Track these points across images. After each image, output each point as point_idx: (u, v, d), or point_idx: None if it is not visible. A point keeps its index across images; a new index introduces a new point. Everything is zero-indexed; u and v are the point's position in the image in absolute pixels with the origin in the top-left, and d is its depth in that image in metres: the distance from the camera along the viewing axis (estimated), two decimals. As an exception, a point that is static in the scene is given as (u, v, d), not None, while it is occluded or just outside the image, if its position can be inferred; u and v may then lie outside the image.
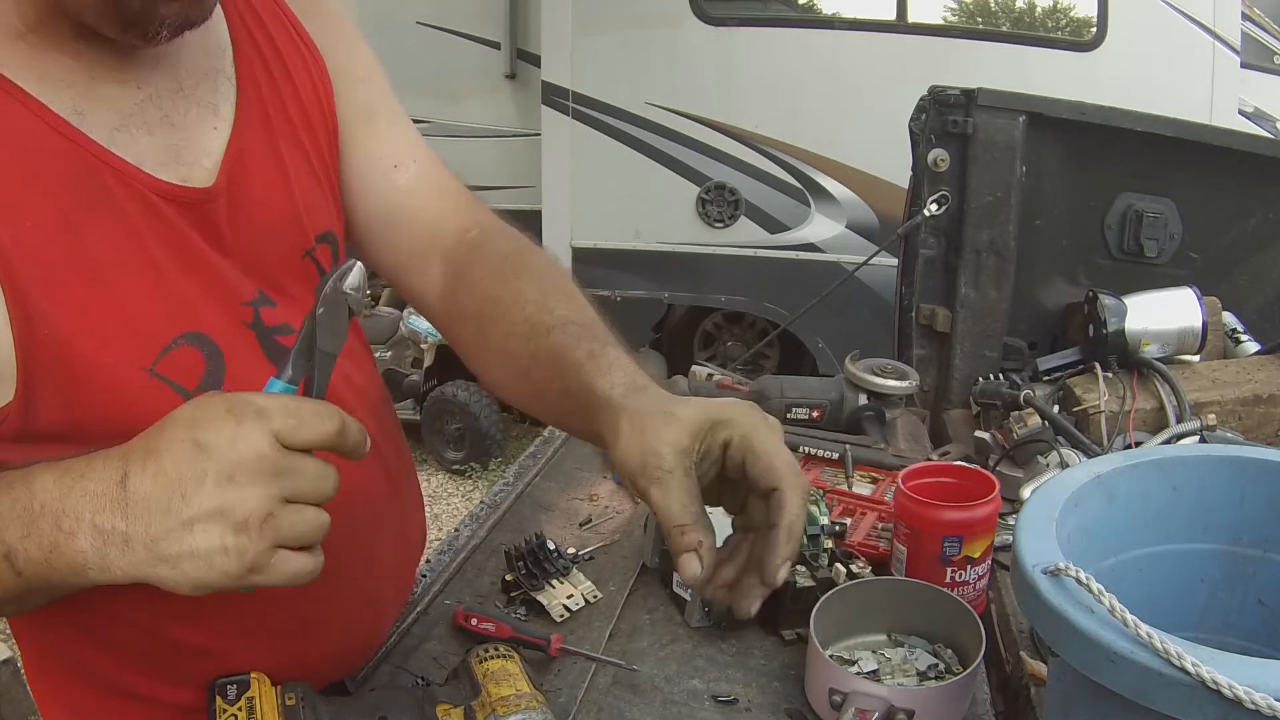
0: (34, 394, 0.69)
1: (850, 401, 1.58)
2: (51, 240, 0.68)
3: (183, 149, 0.77)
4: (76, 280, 0.70)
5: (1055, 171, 1.93)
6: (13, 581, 0.63)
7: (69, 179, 0.70)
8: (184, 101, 0.78)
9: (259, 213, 0.82)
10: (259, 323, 0.81)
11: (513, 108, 4.84)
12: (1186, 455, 0.88)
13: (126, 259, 0.72)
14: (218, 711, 0.78)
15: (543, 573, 1.13)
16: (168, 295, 0.75)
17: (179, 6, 0.69)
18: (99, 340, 0.70)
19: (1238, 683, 0.54)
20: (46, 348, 0.68)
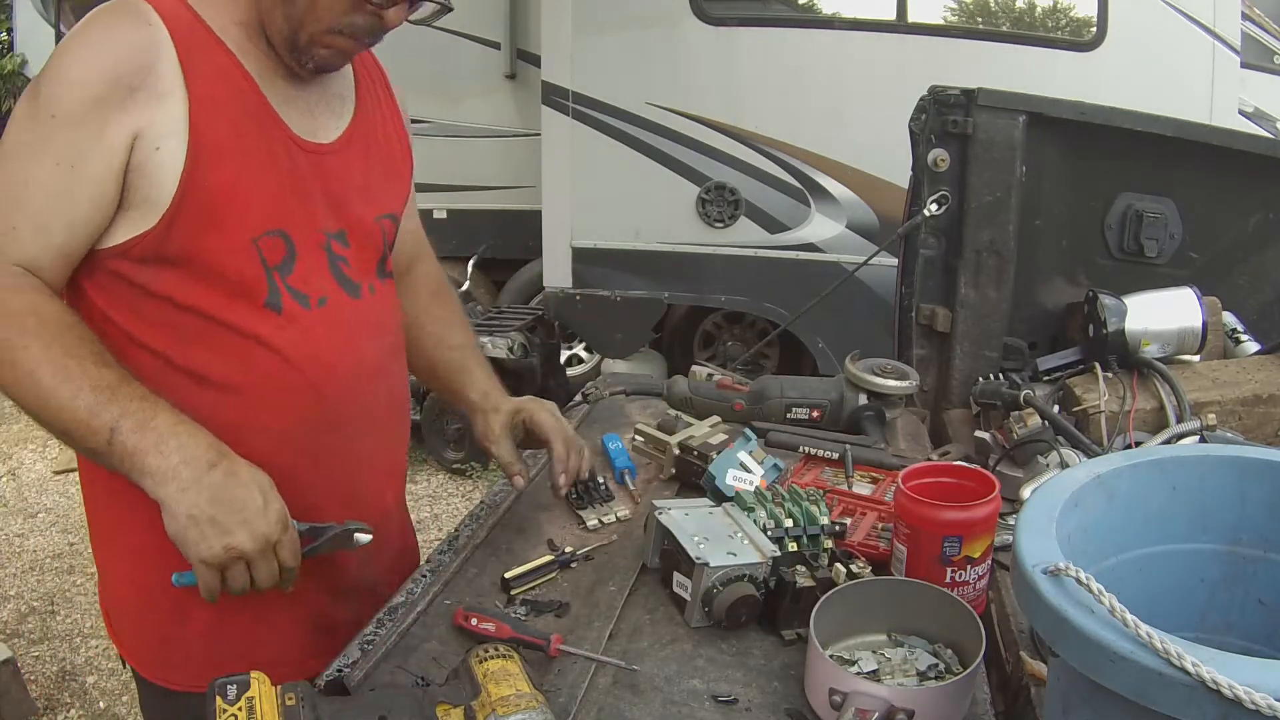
0: (174, 225, 1.02)
1: (850, 401, 1.58)
2: (226, 134, 1.04)
3: (315, 130, 1.15)
4: (231, 165, 1.04)
5: (1055, 171, 1.93)
6: (101, 446, 0.94)
7: (247, 109, 1.07)
8: (321, 106, 1.16)
9: (352, 178, 1.18)
10: (329, 248, 1.15)
11: (513, 108, 4.84)
12: (1186, 455, 0.88)
13: (264, 167, 1.08)
14: (218, 711, 0.78)
15: (589, 497, 1.37)
16: (281, 201, 1.09)
17: (327, 54, 1.08)
18: (229, 208, 1.04)
19: (1238, 683, 0.54)
20: (197, 199, 1.02)
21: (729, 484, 1.29)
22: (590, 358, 5.19)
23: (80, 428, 0.95)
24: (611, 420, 1.68)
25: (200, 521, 0.94)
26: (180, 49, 1.01)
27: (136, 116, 0.99)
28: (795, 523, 1.14)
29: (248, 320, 1.08)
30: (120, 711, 2.85)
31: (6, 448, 4.72)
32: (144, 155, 1.00)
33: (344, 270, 1.16)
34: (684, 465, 1.40)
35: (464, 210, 5.02)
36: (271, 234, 1.08)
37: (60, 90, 0.98)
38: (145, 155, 1.00)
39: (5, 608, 3.35)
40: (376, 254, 1.23)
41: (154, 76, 0.99)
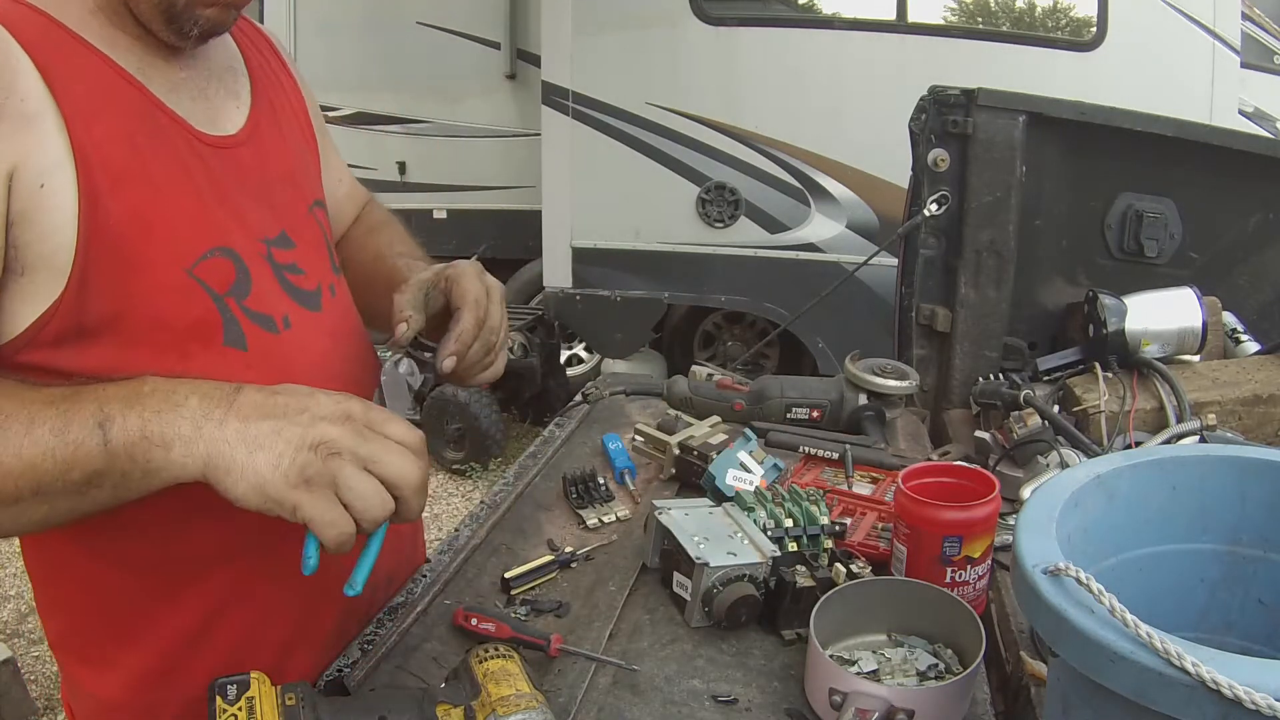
0: (87, 283, 0.81)
1: (850, 401, 1.58)
2: (119, 151, 0.84)
3: (216, 117, 0.97)
4: (135, 187, 0.84)
5: (1055, 171, 1.93)
6: (96, 455, 0.74)
7: (135, 112, 0.87)
8: (215, 85, 0.98)
9: (272, 165, 1.02)
10: (272, 257, 0.97)
11: (513, 108, 4.84)
12: (1186, 455, 0.88)
13: (176, 179, 0.89)
14: (218, 711, 0.78)
15: (590, 497, 1.35)
16: (207, 214, 0.90)
17: (211, 12, 0.88)
18: (149, 239, 0.84)
19: (1238, 683, 0.54)
20: (105, 240, 0.81)
21: (729, 484, 1.29)
22: (590, 358, 5.19)
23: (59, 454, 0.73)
24: (611, 420, 1.68)
25: (259, 444, 0.74)
26: (37, 58, 0.80)
27: (4, 152, 0.77)
28: (795, 523, 1.14)
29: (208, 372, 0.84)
30: (120, 711, 2.85)
31: (6, 448, 4.72)
32: (26, 199, 0.78)
33: (294, 281, 0.99)
34: (684, 465, 1.40)
35: (464, 210, 5.03)
36: (211, 254, 0.89)
37: None
38: (28, 198, 0.78)
39: (5, 608, 3.35)
40: (323, 249, 1.07)
41: (14, 97, 0.78)
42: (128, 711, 0.98)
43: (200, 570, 0.94)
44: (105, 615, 0.96)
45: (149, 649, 0.96)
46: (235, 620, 0.98)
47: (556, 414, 1.72)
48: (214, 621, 0.97)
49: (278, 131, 1.04)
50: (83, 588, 0.96)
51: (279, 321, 0.95)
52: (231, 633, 0.98)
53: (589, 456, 1.52)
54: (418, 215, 4.89)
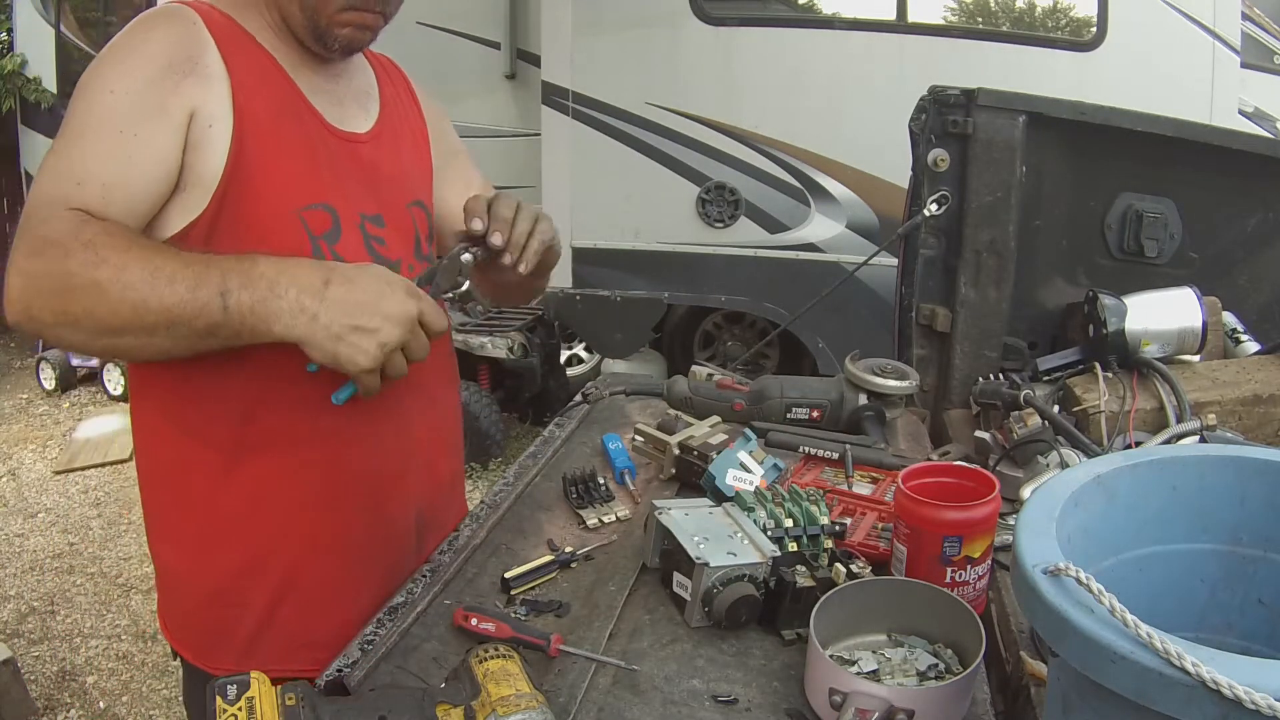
0: (223, 203, 1.07)
1: (850, 401, 1.58)
2: (266, 116, 1.11)
3: (346, 121, 1.23)
4: (272, 143, 1.11)
5: (1055, 171, 1.92)
6: (217, 315, 0.97)
7: (284, 98, 1.15)
8: (350, 100, 1.25)
9: (384, 165, 1.26)
10: (364, 226, 1.20)
11: (513, 108, 4.84)
12: (1186, 455, 0.88)
13: (302, 147, 1.15)
14: (218, 711, 0.78)
15: (590, 497, 1.37)
16: (319, 178, 1.16)
17: (348, 32, 1.15)
18: (272, 181, 1.11)
19: (1238, 683, 0.54)
20: (243, 174, 1.08)
21: (729, 484, 1.29)
22: (590, 358, 5.19)
23: (190, 306, 0.96)
24: (611, 420, 1.68)
25: (345, 337, 0.98)
26: (220, 42, 1.09)
27: (191, 96, 1.05)
28: (795, 523, 1.14)
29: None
30: (120, 711, 2.85)
31: (6, 448, 4.73)
32: (200, 133, 1.06)
33: (379, 250, 1.21)
34: (684, 465, 1.40)
35: (464, 210, 5.02)
36: (314, 207, 1.13)
37: (115, 76, 1.04)
38: (201, 133, 1.06)
39: (5, 608, 3.35)
40: (411, 238, 1.28)
41: (201, 64, 1.07)
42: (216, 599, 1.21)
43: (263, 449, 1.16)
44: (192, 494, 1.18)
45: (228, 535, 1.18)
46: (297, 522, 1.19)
47: (556, 414, 1.72)
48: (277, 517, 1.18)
49: (394, 143, 1.29)
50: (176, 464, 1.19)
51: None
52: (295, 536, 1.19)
53: (589, 456, 1.52)
54: (418, 215, 4.89)
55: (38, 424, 5.07)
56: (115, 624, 3.26)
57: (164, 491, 1.22)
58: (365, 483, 1.22)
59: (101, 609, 3.35)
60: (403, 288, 1.02)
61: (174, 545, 1.24)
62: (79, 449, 4.60)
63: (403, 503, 1.27)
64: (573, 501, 1.36)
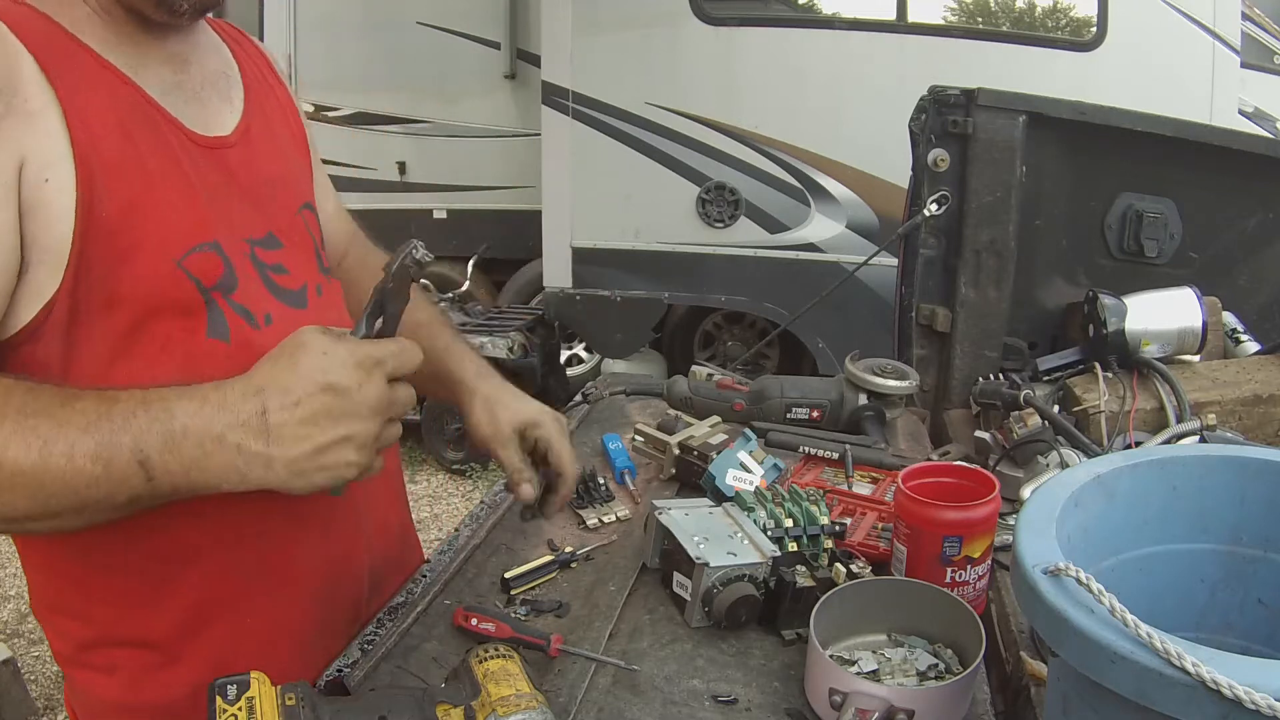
0: (82, 272, 0.84)
1: (850, 401, 1.58)
2: (114, 144, 0.86)
3: (209, 120, 0.99)
4: (129, 178, 0.86)
5: (1055, 171, 1.92)
6: (141, 486, 0.77)
7: (129, 108, 0.89)
8: (208, 90, 1.00)
9: (262, 168, 1.03)
10: (255, 257, 0.98)
11: (513, 108, 4.84)
12: (1186, 455, 0.88)
13: (169, 173, 0.90)
14: (218, 711, 0.78)
15: (590, 497, 1.37)
16: (197, 209, 0.92)
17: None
18: (142, 232, 0.87)
19: (1238, 683, 0.54)
20: (100, 229, 0.84)
21: (729, 484, 1.29)
22: (590, 358, 5.19)
23: (104, 485, 0.76)
24: (611, 420, 1.68)
25: (317, 465, 0.79)
26: (39, 57, 0.83)
27: (13, 144, 0.80)
28: (795, 523, 1.14)
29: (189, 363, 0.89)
30: (120, 711, 2.85)
31: (6, 448, 4.72)
32: (34, 191, 0.81)
33: (279, 281, 1.00)
34: (684, 465, 1.40)
35: (464, 210, 5.03)
36: (199, 249, 0.91)
37: None
38: (35, 190, 0.81)
39: (5, 608, 3.35)
40: (310, 252, 1.08)
41: (18, 96, 0.81)
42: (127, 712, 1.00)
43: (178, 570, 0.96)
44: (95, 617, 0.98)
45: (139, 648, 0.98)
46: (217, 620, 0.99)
47: (556, 414, 1.72)
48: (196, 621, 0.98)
49: (269, 135, 1.06)
50: (77, 590, 0.97)
51: (260, 318, 0.96)
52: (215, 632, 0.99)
53: (589, 456, 1.52)
54: (418, 215, 4.89)
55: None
56: (115, 624, 3.26)
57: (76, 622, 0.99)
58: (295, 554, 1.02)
59: (101, 609, 3.35)
60: (352, 368, 0.80)
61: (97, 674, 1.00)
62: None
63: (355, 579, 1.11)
64: (573, 501, 1.36)
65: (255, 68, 1.10)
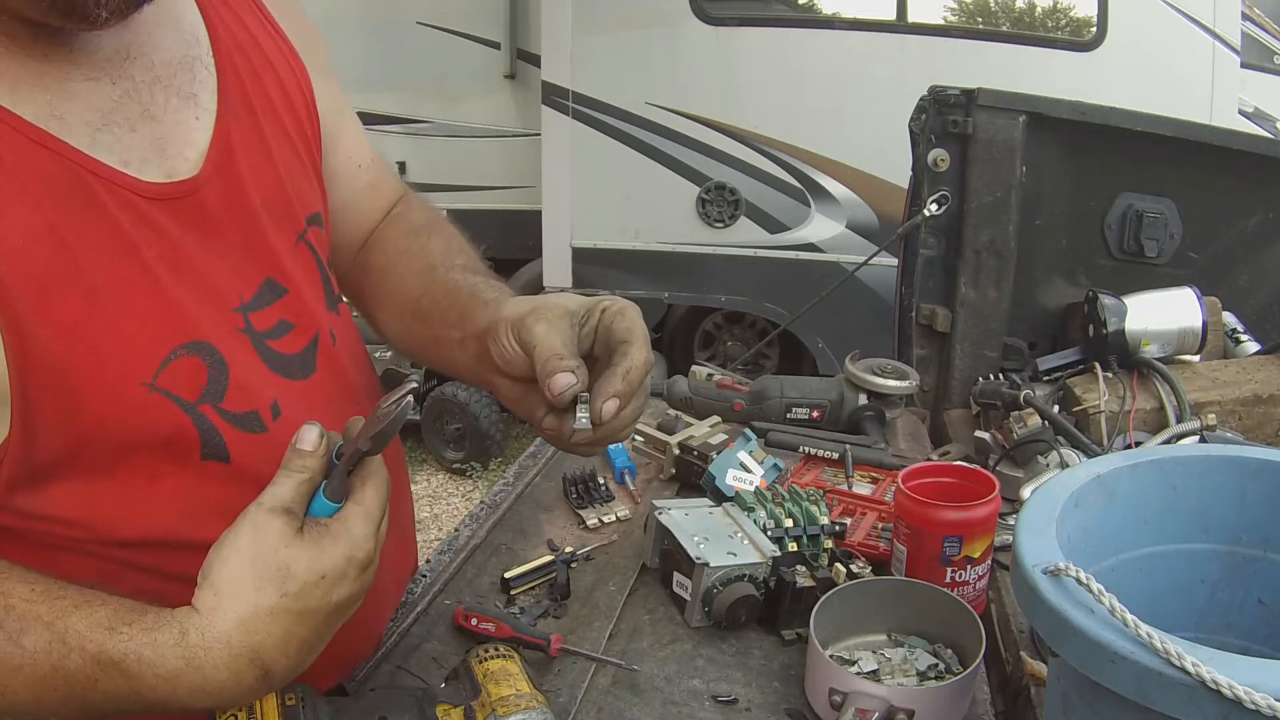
0: (33, 421, 0.67)
1: (850, 401, 1.58)
2: (41, 256, 0.66)
3: (166, 143, 0.76)
4: (69, 297, 0.68)
5: (1055, 171, 1.92)
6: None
7: (54, 190, 0.67)
8: (163, 93, 0.76)
9: (250, 197, 0.82)
10: (250, 328, 0.81)
11: (513, 108, 4.84)
12: (1186, 455, 0.88)
13: (119, 270, 0.71)
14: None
15: (590, 497, 1.36)
16: (164, 305, 0.73)
17: None
18: (96, 358, 0.69)
19: (1238, 683, 0.54)
20: (42, 370, 0.66)
21: (729, 484, 1.29)
22: (590, 358, 5.19)
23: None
24: (611, 420, 1.68)
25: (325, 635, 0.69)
26: None
27: None
28: (795, 523, 1.14)
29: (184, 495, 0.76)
30: (120, 711, 2.85)
31: (6, 448, 4.72)
32: None
33: (279, 349, 0.83)
34: (684, 465, 1.40)
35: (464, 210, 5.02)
36: (175, 355, 0.73)
37: None
38: None
39: (5, 608, 3.34)
40: (318, 283, 0.90)
41: None
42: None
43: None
44: None
45: None
46: None
47: (556, 414, 1.72)
48: None
49: (256, 139, 0.83)
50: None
51: (266, 414, 0.80)
52: None
53: (587, 460, 1.52)
54: (418, 215, 4.88)
55: None
56: (115, 624, 3.25)
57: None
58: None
59: (101, 609, 3.34)
60: (354, 573, 0.69)
61: None
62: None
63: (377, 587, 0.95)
64: (573, 501, 1.36)
65: (234, 24, 0.84)
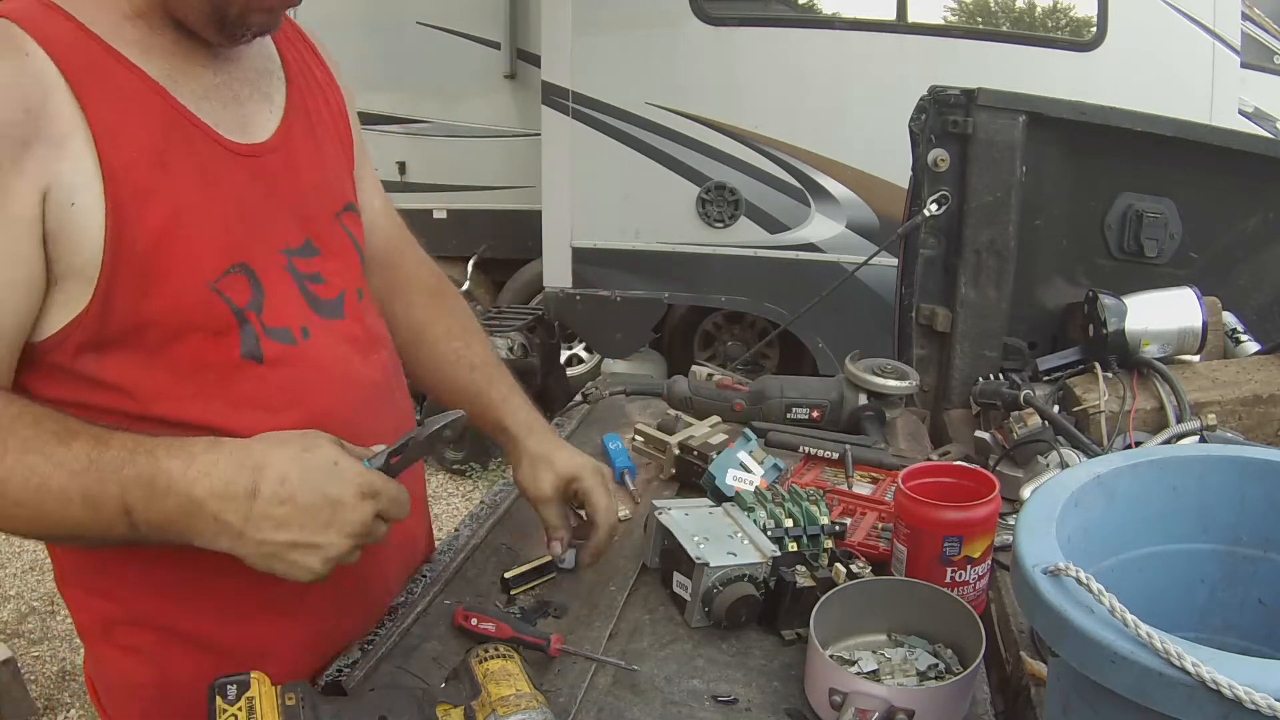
0: (110, 299, 0.85)
1: (850, 401, 1.58)
2: (146, 169, 0.86)
3: (247, 122, 0.98)
4: (160, 205, 0.86)
5: (1055, 171, 1.92)
6: (127, 533, 0.81)
7: (164, 128, 0.88)
8: (248, 89, 0.99)
9: (302, 173, 1.02)
10: (293, 268, 0.99)
11: (513, 108, 4.84)
12: (1186, 455, 0.88)
13: (199, 197, 0.90)
14: (218, 711, 0.78)
15: None
16: (228, 231, 0.92)
17: (263, 19, 0.91)
18: (171, 258, 0.87)
19: (1238, 683, 0.54)
20: (128, 260, 0.85)
21: (729, 484, 1.29)
22: (590, 358, 5.19)
23: (95, 527, 0.81)
24: (611, 420, 1.68)
25: (281, 555, 0.82)
26: (68, 73, 0.82)
27: (38, 171, 0.81)
28: (795, 523, 1.14)
29: (222, 382, 0.92)
30: (120, 711, 2.85)
31: (6, 448, 4.72)
32: (59, 216, 0.82)
33: (315, 291, 1.01)
34: (684, 465, 1.40)
35: (464, 210, 5.02)
36: (231, 271, 0.92)
37: None
38: (60, 216, 0.82)
39: (5, 608, 3.35)
40: (352, 257, 1.08)
41: (45, 119, 0.81)
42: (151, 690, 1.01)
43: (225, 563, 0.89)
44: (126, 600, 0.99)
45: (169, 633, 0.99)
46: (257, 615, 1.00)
47: (556, 414, 1.72)
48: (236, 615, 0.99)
49: (310, 136, 1.04)
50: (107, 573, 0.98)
51: (297, 333, 0.97)
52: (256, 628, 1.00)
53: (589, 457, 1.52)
54: (418, 215, 4.89)
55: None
56: (115, 624, 3.26)
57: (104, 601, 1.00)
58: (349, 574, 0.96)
59: (101, 609, 3.35)
60: (355, 487, 0.83)
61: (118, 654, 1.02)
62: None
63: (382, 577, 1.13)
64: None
65: (300, 61, 1.08)
